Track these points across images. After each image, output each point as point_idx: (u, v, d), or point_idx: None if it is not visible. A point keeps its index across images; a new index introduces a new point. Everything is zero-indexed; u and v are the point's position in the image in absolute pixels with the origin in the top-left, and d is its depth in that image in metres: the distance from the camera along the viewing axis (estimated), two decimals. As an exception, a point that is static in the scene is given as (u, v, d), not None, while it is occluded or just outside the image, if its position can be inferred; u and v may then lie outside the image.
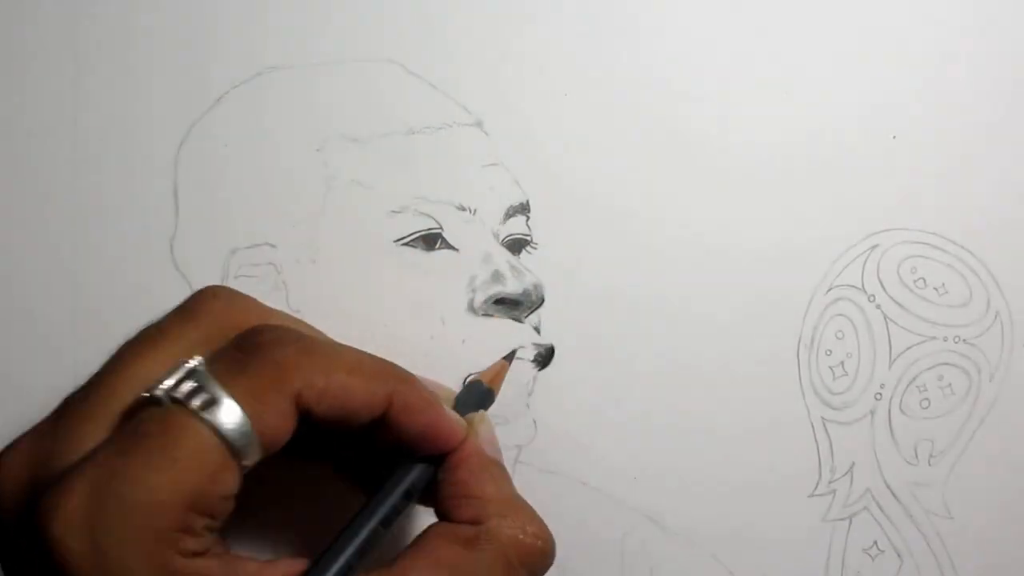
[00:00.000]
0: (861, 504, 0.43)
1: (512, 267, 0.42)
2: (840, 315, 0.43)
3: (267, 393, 0.31)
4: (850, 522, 0.43)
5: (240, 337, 0.33)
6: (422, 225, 0.42)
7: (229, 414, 0.30)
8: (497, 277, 0.42)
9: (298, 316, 0.42)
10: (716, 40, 0.44)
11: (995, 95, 0.44)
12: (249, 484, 0.32)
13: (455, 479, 0.36)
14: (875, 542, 0.43)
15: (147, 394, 0.31)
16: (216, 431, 0.30)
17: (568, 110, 0.44)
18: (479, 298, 0.42)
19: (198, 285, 0.42)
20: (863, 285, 0.43)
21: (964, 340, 0.43)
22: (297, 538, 0.41)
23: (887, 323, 0.43)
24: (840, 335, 0.43)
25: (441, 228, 0.42)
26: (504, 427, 0.42)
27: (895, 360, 0.43)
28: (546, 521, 0.42)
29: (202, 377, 0.31)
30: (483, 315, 0.42)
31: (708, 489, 0.43)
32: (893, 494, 0.43)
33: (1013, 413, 0.43)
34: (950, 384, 0.43)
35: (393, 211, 0.42)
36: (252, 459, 0.31)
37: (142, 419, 0.31)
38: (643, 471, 0.43)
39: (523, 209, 0.43)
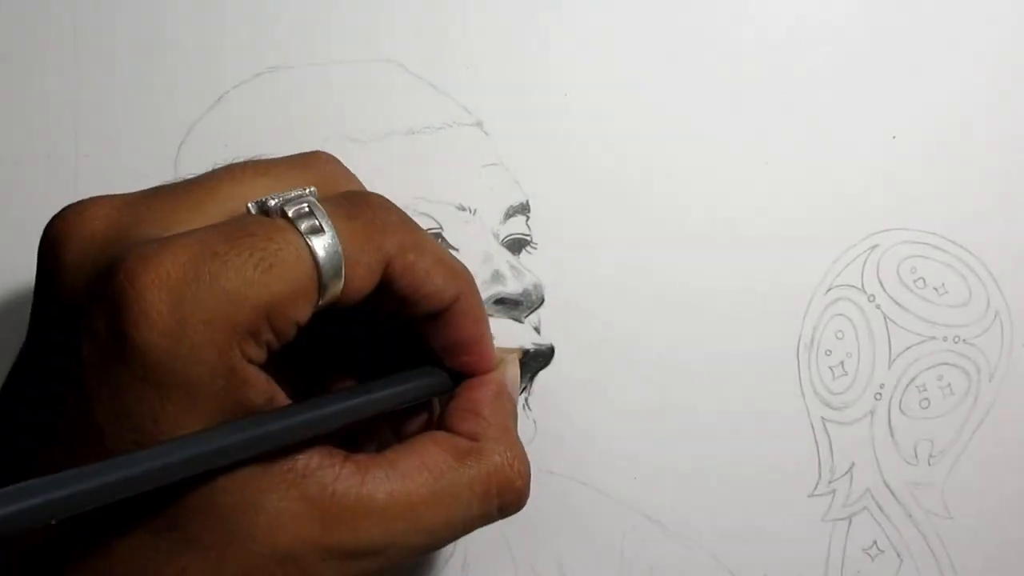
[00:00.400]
0: (861, 504, 0.43)
1: (512, 267, 0.42)
2: (840, 315, 0.43)
3: (366, 244, 0.32)
4: (850, 522, 0.43)
5: (352, 193, 0.34)
6: (422, 225, 0.42)
7: (329, 246, 0.31)
8: (497, 277, 0.42)
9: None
10: (715, 40, 0.44)
11: (995, 95, 0.44)
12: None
13: (468, 395, 0.37)
14: (875, 542, 0.43)
15: (258, 202, 0.32)
16: (314, 256, 0.31)
17: (568, 110, 0.44)
18: (479, 298, 0.42)
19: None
20: (863, 285, 0.43)
21: (964, 340, 0.43)
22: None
23: (887, 323, 0.43)
24: (840, 335, 0.43)
25: (441, 228, 0.42)
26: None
27: (895, 360, 0.43)
28: (545, 521, 0.42)
29: (315, 206, 0.31)
30: (483, 315, 0.42)
31: (707, 489, 0.43)
32: (893, 494, 0.43)
33: (1013, 413, 0.43)
34: (950, 384, 0.43)
35: (393, 211, 0.42)
36: (329, 299, 0.32)
37: (253, 219, 0.31)
38: (642, 471, 0.43)
39: (523, 209, 0.43)
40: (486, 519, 0.35)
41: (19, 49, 0.43)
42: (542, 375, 0.43)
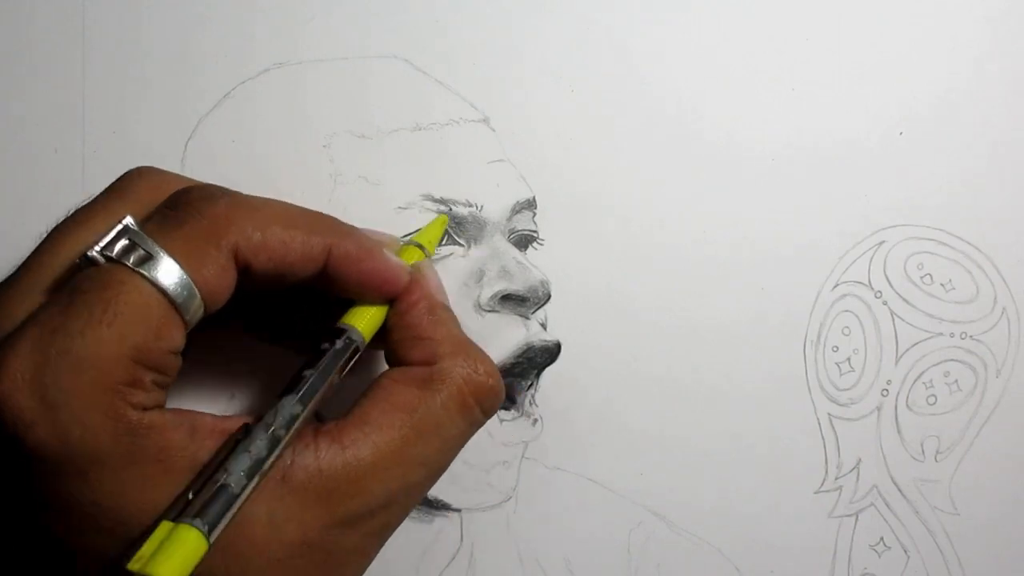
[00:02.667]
0: (868, 500, 0.43)
1: (519, 263, 0.42)
2: (847, 311, 0.43)
3: (204, 247, 0.31)
4: (856, 518, 0.43)
5: (170, 198, 0.33)
6: (428, 220, 0.42)
7: (167, 269, 0.30)
8: (504, 273, 0.42)
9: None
10: (723, 37, 0.44)
11: (1002, 91, 0.44)
12: (198, 352, 0.32)
13: (404, 323, 0.36)
14: (881, 538, 0.43)
15: (82, 256, 0.31)
16: (155, 285, 0.30)
17: (575, 106, 0.44)
18: (486, 294, 0.42)
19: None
20: (870, 281, 0.43)
21: (971, 336, 0.43)
22: (249, 402, 0.41)
23: (894, 319, 0.43)
24: (847, 331, 0.43)
25: (447, 224, 0.42)
26: (510, 423, 0.42)
27: (902, 356, 0.43)
28: (553, 517, 0.42)
29: (135, 235, 0.30)
30: (490, 311, 0.42)
31: (714, 485, 0.43)
32: (900, 490, 0.43)
33: (1020, 409, 0.43)
34: (956, 380, 0.43)
35: (400, 207, 0.42)
36: (195, 314, 0.31)
37: (79, 278, 0.30)
38: (649, 467, 0.43)
39: (530, 205, 0.43)
40: (474, 427, 0.35)
41: (28, 44, 0.43)
42: (549, 371, 0.43)
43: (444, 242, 0.42)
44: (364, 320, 0.35)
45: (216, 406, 0.40)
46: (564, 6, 0.44)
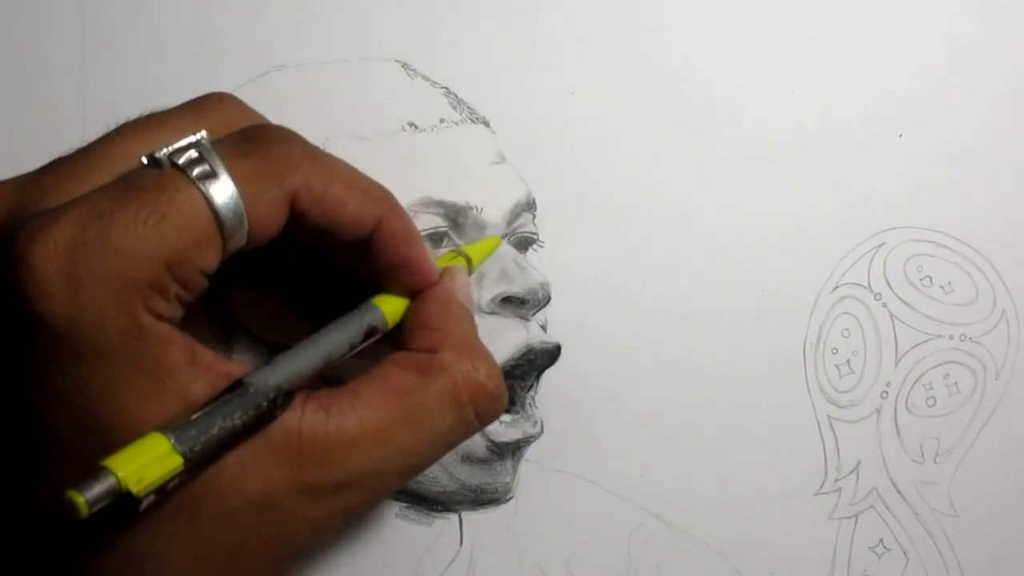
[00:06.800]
0: (867, 502, 0.43)
1: (519, 265, 0.42)
2: (846, 313, 0.43)
3: (266, 182, 0.31)
4: (856, 520, 0.43)
5: (247, 128, 0.33)
6: (428, 224, 0.42)
7: (225, 190, 0.30)
8: (503, 275, 0.42)
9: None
10: (722, 38, 0.44)
11: (1002, 93, 0.44)
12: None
13: (419, 311, 0.36)
14: (881, 540, 0.43)
15: (149, 155, 0.31)
16: (209, 202, 0.30)
17: (574, 108, 0.44)
18: (486, 296, 0.42)
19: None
20: (869, 283, 0.44)
21: (970, 338, 0.43)
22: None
23: (893, 321, 0.43)
24: (846, 333, 0.43)
25: (447, 226, 0.42)
26: (510, 426, 0.42)
27: (901, 358, 0.43)
28: (553, 519, 0.42)
29: (205, 151, 0.31)
30: (489, 313, 0.42)
31: (714, 487, 0.43)
32: (899, 492, 0.43)
33: (1019, 411, 0.43)
34: (956, 382, 0.43)
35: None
36: (236, 243, 0.31)
37: (140, 174, 0.31)
38: (649, 469, 0.43)
39: (529, 207, 0.43)
40: (465, 428, 0.34)
41: (28, 44, 0.43)
42: (549, 373, 0.43)
43: (444, 245, 0.42)
44: (390, 306, 0.36)
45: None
46: (564, 7, 0.44)
